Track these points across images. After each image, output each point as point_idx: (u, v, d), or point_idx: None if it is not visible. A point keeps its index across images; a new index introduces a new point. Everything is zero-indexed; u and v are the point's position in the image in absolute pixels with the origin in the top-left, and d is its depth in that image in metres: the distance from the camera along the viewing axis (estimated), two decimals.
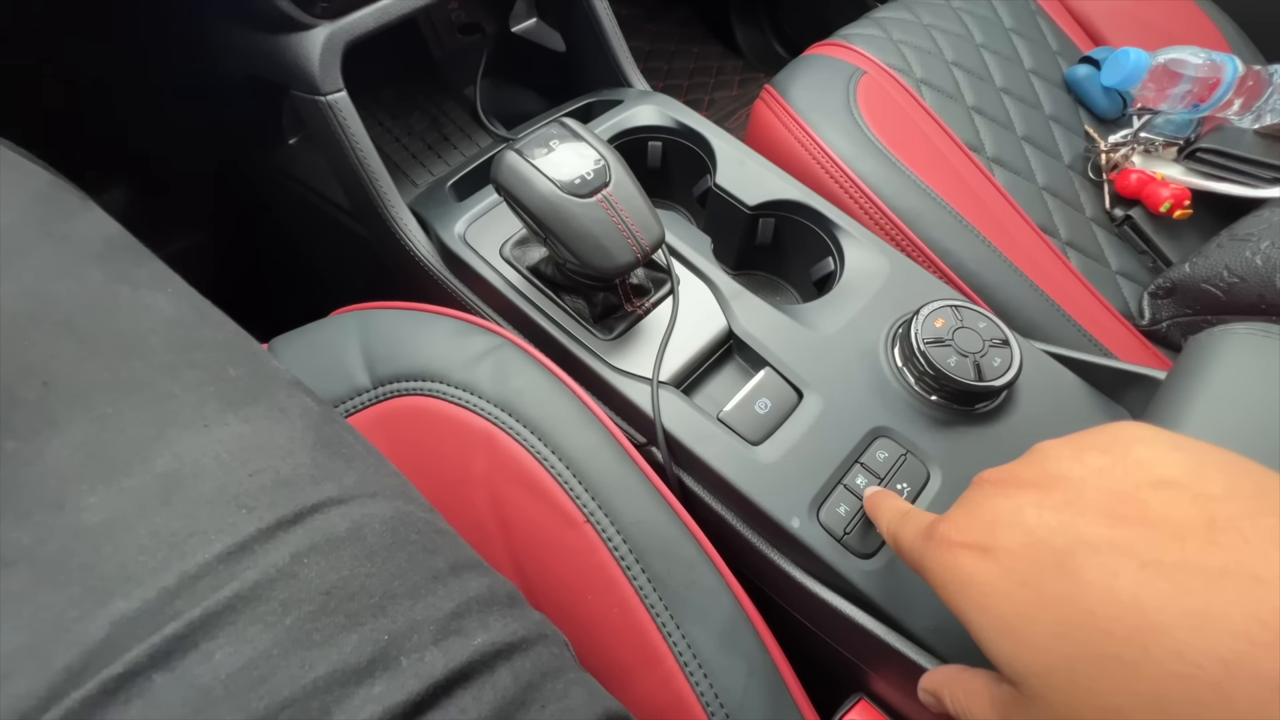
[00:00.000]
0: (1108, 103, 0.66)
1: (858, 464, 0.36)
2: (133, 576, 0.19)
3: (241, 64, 0.51)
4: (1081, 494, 0.20)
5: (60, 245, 0.25)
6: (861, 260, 0.46)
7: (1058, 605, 0.19)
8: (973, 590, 0.21)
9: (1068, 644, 0.18)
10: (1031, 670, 0.19)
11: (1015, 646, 0.19)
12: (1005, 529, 0.21)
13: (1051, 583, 0.19)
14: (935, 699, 0.26)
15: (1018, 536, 0.20)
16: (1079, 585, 0.18)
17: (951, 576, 0.21)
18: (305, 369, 0.37)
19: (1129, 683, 0.17)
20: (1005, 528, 0.21)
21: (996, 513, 0.21)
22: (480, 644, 0.22)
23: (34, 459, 0.20)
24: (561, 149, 0.37)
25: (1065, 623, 0.18)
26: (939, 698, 0.25)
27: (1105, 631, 0.17)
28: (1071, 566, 0.19)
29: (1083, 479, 0.20)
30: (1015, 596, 0.19)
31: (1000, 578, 0.20)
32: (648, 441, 0.39)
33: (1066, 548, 0.19)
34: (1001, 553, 0.20)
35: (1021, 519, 0.20)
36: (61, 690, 0.17)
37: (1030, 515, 0.20)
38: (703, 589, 0.33)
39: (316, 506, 0.22)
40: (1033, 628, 0.19)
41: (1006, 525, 0.21)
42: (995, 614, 0.20)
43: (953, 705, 0.24)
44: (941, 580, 0.22)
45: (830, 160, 0.55)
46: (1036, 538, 0.20)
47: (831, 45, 0.64)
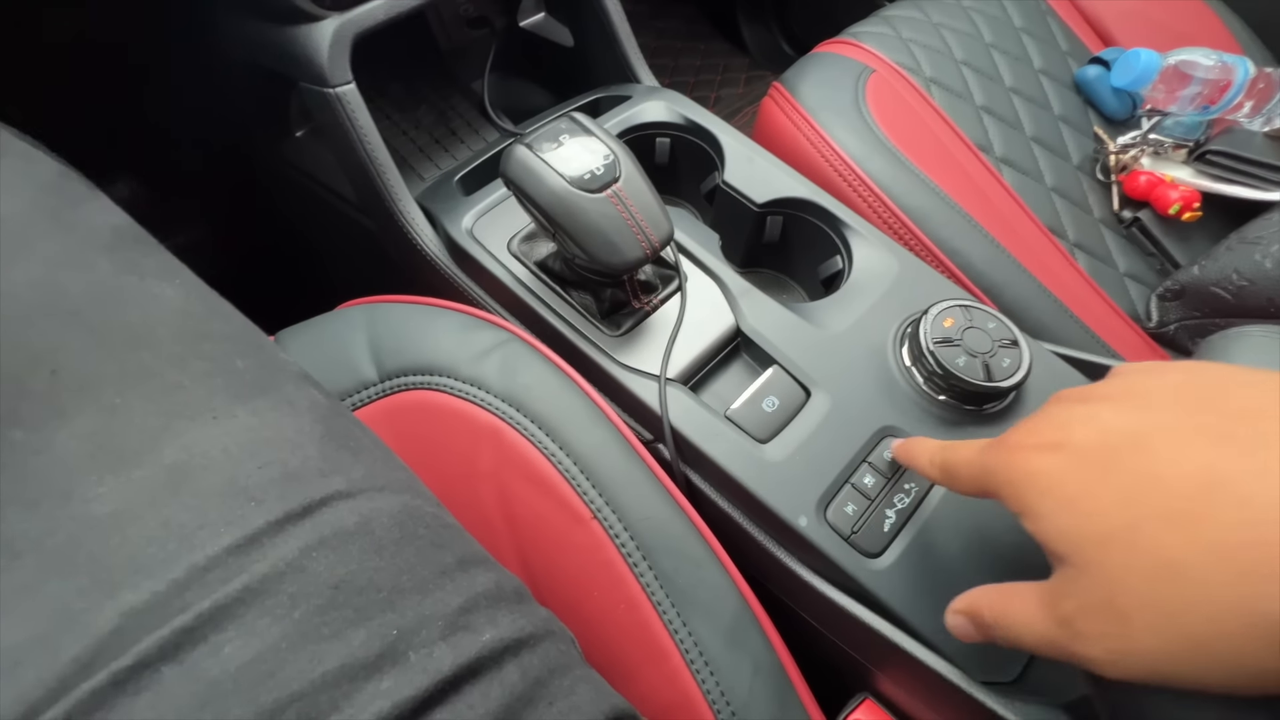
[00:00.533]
0: (1117, 104, 0.66)
1: (865, 463, 0.36)
2: (142, 568, 0.19)
3: (249, 55, 0.50)
4: (1161, 399, 0.20)
5: (69, 235, 0.25)
6: (870, 259, 0.45)
7: (1125, 476, 0.19)
8: (1040, 478, 0.20)
9: (1130, 507, 0.18)
10: (1089, 538, 0.19)
11: (1076, 518, 0.19)
12: (1080, 426, 0.21)
13: (1124, 459, 0.19)
14: (968, 618, 0.25)
15: (1092, 433, 0.20)
16: (1149, 457, 0.19)
17: (1021, 472, 0.21)
18: (312, 362, 0.37)
19: (1192, 535, 0.17)
20: (1080, 425, 0.21)
21: (1071, 416, 0.21)
22: (488, 640, 0.22)
23: (42, 449, 0.20)
24: (571, 144, 0.37)
25: (1131, 489, 0.18)
26: (974, 613, 0.25)
27: (1171, 490, 0.18)
28: (1145, 444, 0.19)
29: (1163, 389, 0.21)
30: (1082, 476, 0.20)
31: (1070, 464, 0.20)
32: (655, 438, 0.39)
33: (1142, 432, 0.19)
34: (1074, 447, 0.20)
35: (1098, 419, 0.21)
36: (71, 681, 0.17)
37: (1107, 416, 0.20)
38: (709, 587, 0.33)
39: (325, 500, 0.22)
40: (1096, 497, 0.19)
41: (1082, 423, 0.21)
42: (1059, 494, 0.20)
43: (991, 613, 0.24)
44: (1009, 477, 0.22)
45: (839, 158, 0.55)
46: (1111, 429, 0.20)
47: (841, 43, 0.64)
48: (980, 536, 0.34)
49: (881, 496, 0.35)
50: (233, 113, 0.62)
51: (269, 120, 0.59)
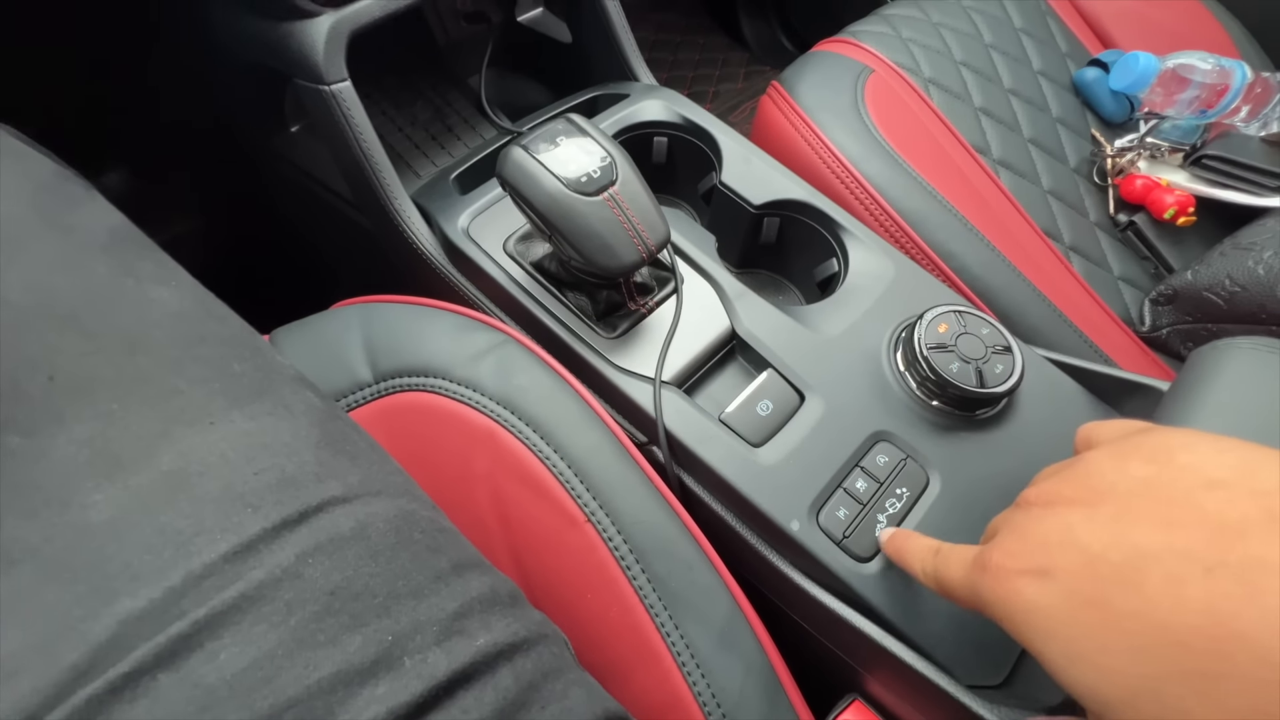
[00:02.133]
0: (1115, 106, 0.66)
1: (858, 468, 0.36)
2: (139, 575, 0.19)
3: (244, 50, 0.50)
4: (1130, 505, 0.20)
5: (65, 237, 0.25)
6: (866, 262, 0.46)
7: (1128, 623, 0.18)
8: (1038, 619, 0.20)
9: (1146, 664, 0.18)
10: (1114, 697, 0.18)
11: (1091, 674, 0.19)
12: (1060, 550, 0.20)
13: (1118, 599, 0.18)
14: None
15: (1074, 556, 0.20)
16: (1146, 599, 0.18)
17: (1014, 607, 0.21)
18: (306, 362, 0.37)
19: (1218, 698, 0.16)
20: (1060, 548, 0.20)
21: (1047, 534, 0.21)
22: (483, 644, 0.23)
23: (39, 455, 0.20)
24: (568, 145, 0.37)
25: (1139, 641, 0.18)
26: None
27: (1183, 645, 0.17)
28: (1135, 580, 0.18)
29: (1130, 490, 0.20)
30: (1082, 619, 0.19)
31: (1064, 601, 0.20)
32: (649, 441, 0.39)
33: (1126, 561, 0.19)
34: (1061, 574, 0.20)
35: (1075, 537, 0.20)
36: (68, 688, 0.17)
37: (1083, 532, 0.20)
38: (701, 589, 0.33)
39: (321, 505, 0.22)
40: (1106, 651, 0.18)
41: (1060, 545, 0.20)
42: (1065, 641, 0.19)
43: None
44: (1005, 612, 0.21)
45: (836, 160, 0.55)
46: (1093, 554, 0.19)
47: (840, 42, 0.64)
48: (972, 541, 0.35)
49: (873, 501, 0.35)
50: (227, 107, 0.62)
51: (263, 115, 0.58)
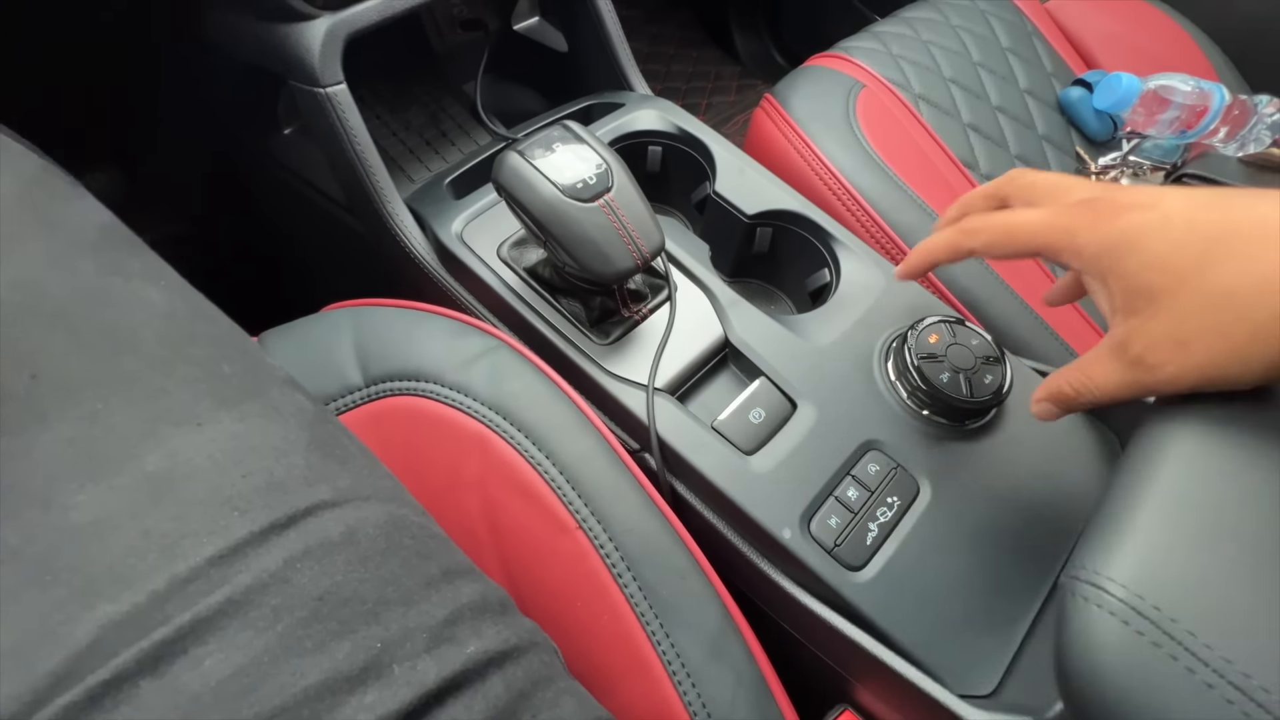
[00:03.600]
0: (1099, 125, 0.68)
1: (849, 476, 0.36)
2: (121, 579, 0.18)
3: (238, 51, 0.50)
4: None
5: (52, 234, 0.24)
6: (857, 273, 0.46)
7: (1206, 228, 0.23)
8: (1131, 235, 0.24)
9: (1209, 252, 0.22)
10: (1167, 285, 0.23)
11: (1158, 273, 0.23)
12: (1171, 194, 0.24)
13: (1204, 215, 0.23)
14: (1051, 401, 0.29)
15: (1180, 201, 0.24)
16: (1227, 209, 0.23)
17: (1113, 229, 0.24)
18: (296, 364, 0.37)
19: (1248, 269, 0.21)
20: (1171, 193, 0.24)
21: (1162, 189, 0.25)
22: (473, 652, 0.22)
23: (21, 455, 0.20)
24: (564, 152, 0.37)
25: (1209, 239, 0.22)
26: (1056, 394, 0.29)
27: (1241, 235, 0.22)
28: (1223, 201, 0.23)
29: None
30: (1169, 232, 0.23)
31: (1160, 221, 0.24)
32: (641, 448, 0.39)
33: (1222, 195, 0.23)
34: (1167, 205, 0.24)
35: (1182, 190, 0.24)
36: (46, 695, 0.16)
37: (1189, 192, 0.24)
38: (693, 598, 0.33)
39: (310, 510, 0.22)
40: (1180, 251, 0.23)
41: (1173, 191, 0.24)
42: (1147, 251, 0.23)
43: (1073, 386, 0.28)
44: (1099, 238, 0.25)
45: (828, 172, 0.55)
46: (1195, 198, 0.24)
47: (832, 57, 0.65)
48: (960, 551, 0.35)
49: (865, 510, 0.35)
50: (219, 107, 0.62)
51: (256, 117, 0.58)
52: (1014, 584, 0.35)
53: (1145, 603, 0.22)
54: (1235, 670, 0.20)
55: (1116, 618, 0.22)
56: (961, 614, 0.34)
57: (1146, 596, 0.22)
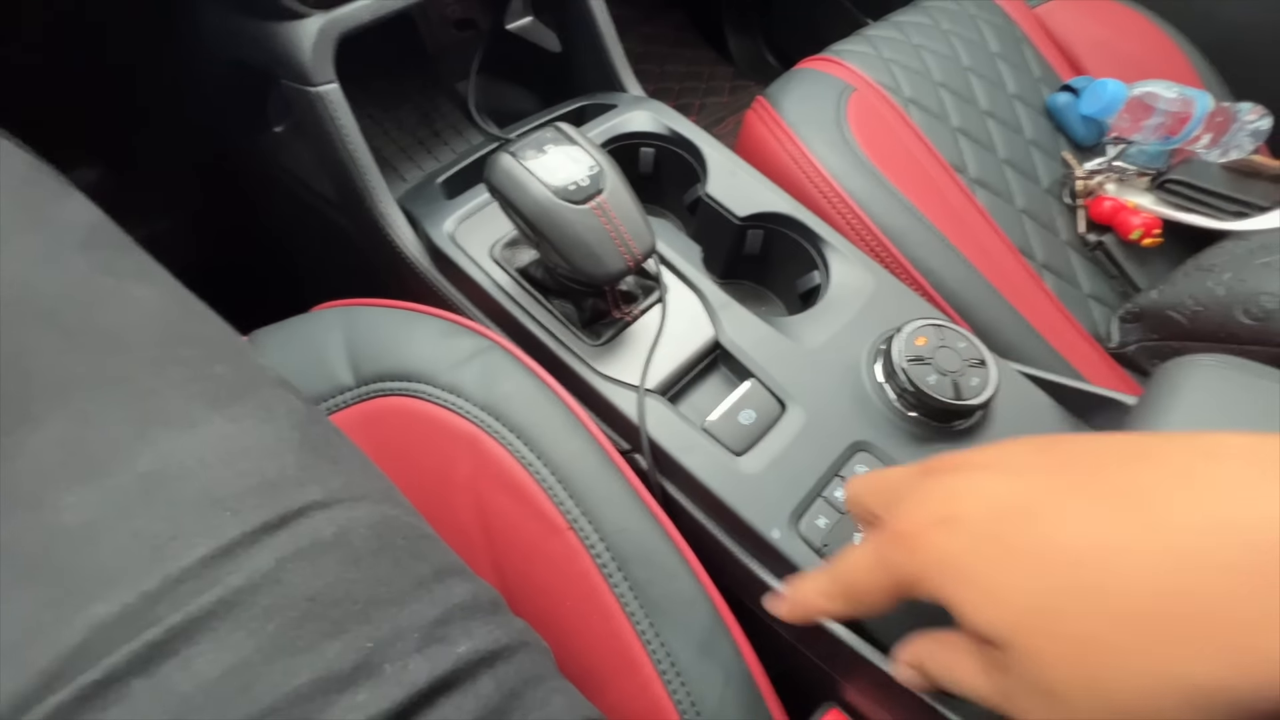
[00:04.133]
0: (1085, 130, 0.69)
1: (838, 477, 0.37)
2: (112, 579, 0.18)
3: (229, 48, 0.49)
4: (1032, 461, 0.21)
5: (43, 232, 0.24)
6: (847, 275, 0.46)
7: (1025, 552, 0.19)
8: (951, 566, 0.21)
9: (1039, 586, 0.19)
10: (1014, 626, 0.19)
11: (996, 608, 0.20)
12: (966, 498, 0.21)
13: (1017, 530, 0.20)
14: (917, 672, 0.26)
15: (980, 504, 0.21)
16: (1042, 527, 0.19)
17: (927, 561, 0.21)
18: (287, 364, 0.37)
19: (1101, 608, 0.18)
20: (966, 496, 0.21)
21: (954, 489, 0.22)
22: (464, 652, 0.22)
23: (11, 455, 0.19)
24: (556, 154, 0.37)
25: (1034, 567, 0.19)
26: (922, 669, 0.25)
27: (1071, 563, 0.18)
28: (1034, 515, 0.20)
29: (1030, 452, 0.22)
30: (988, 555, 0.20)
31: (969, 543, 0.20)
32: (632, 449, 0.39)
33: (1028, 501, 0.20)
34: (965, 520, 0.21)
35: (980, 489, 0.21)
36: (35, 696, 0.16)
37: (988, 484, 0.21)
38: (682, 597, 0.33)
39: (302, 510, 0.22)
40: (1010, 583, 0.19)
41: (966, 494, 0.21)
42: (972, 580, 0.20)
43: (938, 671, 0.24)
44: (918, 570, 0.22)
45: (819, 175, 0.56)
46: (996, 498, 0.21)
47: (823, 60, 0.65)
48: None
49: None
50: (209, 105, 0.61)
51: (247, 115, 0.58)
52: None
53: None
54: None
55: None
56: (942, 611, 0.34)
57: None
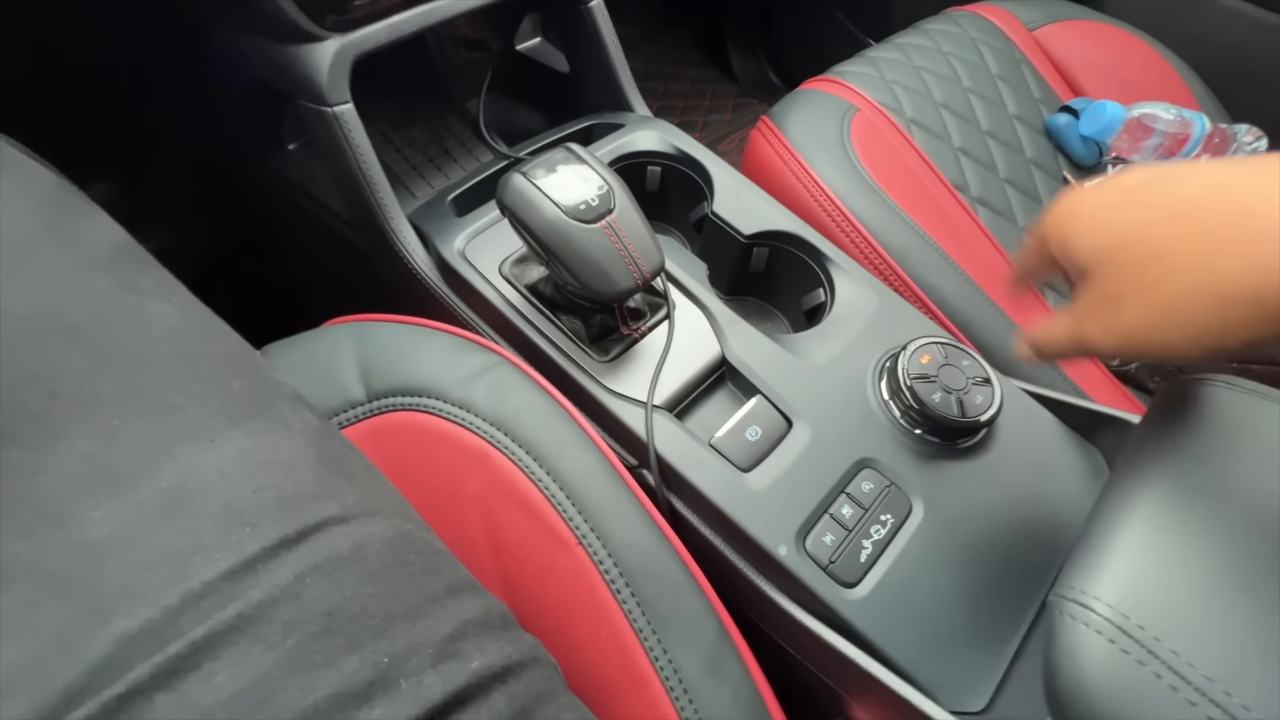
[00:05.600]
0: (1085, 150, 0.70)
1: (844, 494, 0.37)
2: (136, 594, 0.19)
3: (248, 70, 0.51)
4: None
5: (68, 251, 0.25)
6: (851, 293, 0.47)
7: (1149, 196, 0.24)
8: (1083, 207, 0.25)
9: (1146, 216, 0.23)
10: (1108, 245, 0.24)
11: (1101, 234, 0.24)
12: (1131, 174, 0.25)
13: (1151, 186, 0.24)
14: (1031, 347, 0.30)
15: (1137, 175, 0.25)
16: (1171, 181, 0.23)
17: (1070, 204, 0.26)
18: (299, 378, 0.37)
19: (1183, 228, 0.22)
20: (1131, 172, 0.25)
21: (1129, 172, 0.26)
22: (476, 668, 0.23)
23: (38, 470, 0.20)
24: (567, 173, 0.38)
25: (1150, 205, 0.23)
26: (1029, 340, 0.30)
27: (1180, 198, 0.23)
28: (1170, 175, 0.24)
29: None
30: (1117, 201, 0.24)
31: (1114, 195, 0.25)
32: (640, 464, 0.39)
33: (1171, 170, 0.24)
34: (1122, 184, 0.25)
35: (1144, 171, 0.25)
36: (61, 710, 0.17)
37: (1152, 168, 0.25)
38: (690, 614, 0.34)
39: (319, 525, 0.23)
40: (1124, 213, 0.24)
41: (1133, 170, 0.26)
42: (1093, 218, 0.25)
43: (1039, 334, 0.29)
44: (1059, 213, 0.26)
45: (823, 193, 0.56)
46: (1152, 171, 0.25)
47: (827, 81, 0.66)
48: (952, 568, 0.36)
49: (859, 527, 0.36)
50: (225, 123, 0.62)
51: (263, 133, 0.59)
52: (1005, 601, 0.36)
53: (1130, 622, 0.23)
54: (1216, 688, 0.21)
55: (1103, 636, 0.23)
56: (954, 630, 0.34)
57: (1131, 615, 0.23)
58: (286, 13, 0.42)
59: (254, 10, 0.44)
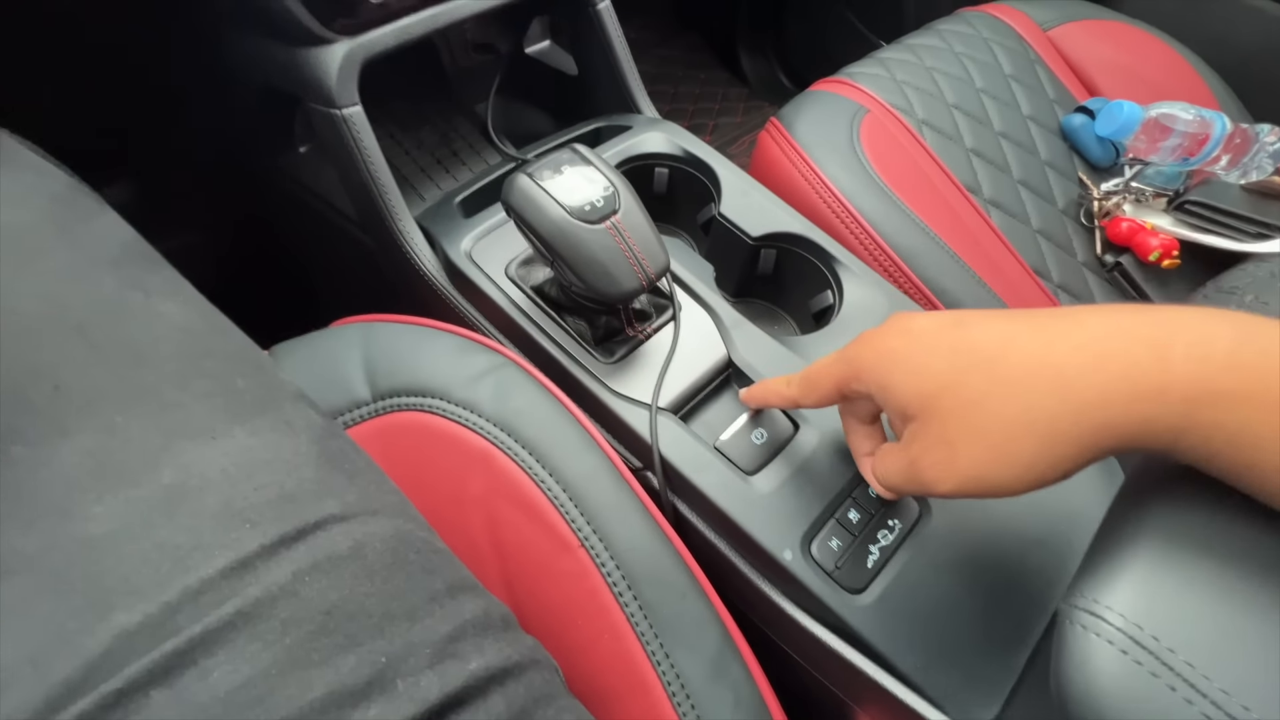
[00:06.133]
0: (1101, 151, 0.68)
1: (850, 499, 0.37)
2: (135, 589, 0.19)
3: (257, 73, 0.51)
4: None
5: (75, 249, 0.25)
6: (860, 295, 0.47)
7: (950, 345, 0.26)
8: (894, 354, 0.28)
9: (955, 365, 0.25)
10: (928, 394, 0.26)
11: (920, 381, 0.26)
12: (917, 319, 0.28)
13: (949, 333, 0.27)
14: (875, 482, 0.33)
15: (928, 322, 0.28)
16: (967, 331, 0.26)
17: (878, 353, 0.28)
18: (305, 378, 0.37)
19: (993, 375, 0.24)
20: (917, 318, 0.29)
21: (911, 318, 0.29)
22: (475, 669, 0.23)
23: (41, 465, 0.20)
24: (572, 174, 0.38)
25: (955, 354, 0.26)
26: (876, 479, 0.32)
27: (981, 349, 0.25)
28: (964, 324, 0.27)
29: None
30: (923, 349, 0.27)
31: (913, 343, 0.27)
32: (644, 466, 0.39)
33: (962, 319, 0.27)
34: (915, 332, 0.28)
35: (931, 317, 0.28)
36: (58, 704, 0.17)
37: (937, 315, 0.28)
38: (693, 618, 0.33)
39: (319, 523, 0.23)
40: (933, 363, 0.26)
41: (918, 317, 0.29)
42: (906, 366, 0.27)
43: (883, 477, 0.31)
44: (870, 361, 0.29)
45: (832, 195, 0.56)
46: (939, 319, 0.28)
47: (837, 82, 0.66)
48: (960, 576, 0.35)
49: (866, 532, 0.35)
50: (235, 125, 0.63)
51: (272, 135, 0.59)
52: (1015, 609, 0.35)
53: (1144, 632, 0.22)
54: (1233, 702, 0.20)
55: (1115, 646, 0.22)
56: (963, 639, 0.34)
57: (1145, 626, 0.22)
58: (296, 16, 0.42)
59: (264, 14, 0.44)
